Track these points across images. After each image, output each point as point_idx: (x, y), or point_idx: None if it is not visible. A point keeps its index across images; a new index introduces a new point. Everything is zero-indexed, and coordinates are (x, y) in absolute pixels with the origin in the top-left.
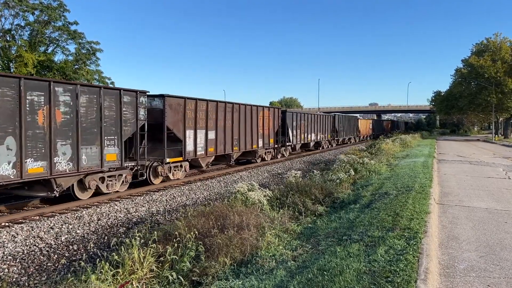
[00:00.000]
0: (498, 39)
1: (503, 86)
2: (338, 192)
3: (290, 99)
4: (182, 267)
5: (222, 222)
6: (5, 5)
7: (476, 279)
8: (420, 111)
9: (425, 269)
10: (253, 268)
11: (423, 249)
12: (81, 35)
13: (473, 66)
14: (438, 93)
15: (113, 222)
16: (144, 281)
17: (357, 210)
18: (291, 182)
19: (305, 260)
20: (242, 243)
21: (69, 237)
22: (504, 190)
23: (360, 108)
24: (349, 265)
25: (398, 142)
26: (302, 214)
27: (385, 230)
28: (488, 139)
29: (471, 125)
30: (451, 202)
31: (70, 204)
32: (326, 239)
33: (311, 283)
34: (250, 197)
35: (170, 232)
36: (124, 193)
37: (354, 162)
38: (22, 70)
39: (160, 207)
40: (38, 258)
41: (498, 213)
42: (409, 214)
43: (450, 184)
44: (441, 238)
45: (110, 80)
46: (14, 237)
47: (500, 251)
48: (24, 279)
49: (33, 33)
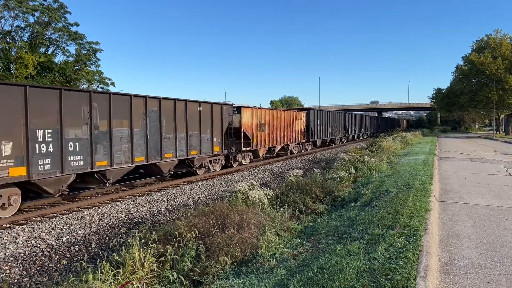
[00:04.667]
0: (498, 36)
1: (503, 83)
2: (339, 190)
3: (290, 98)
4: (183, 266)
5: (223, 222)
6: (5, 7)
7: (476, 276)
8: (421, 108)
9: (425, 266)
10: (254, 267)
11: (423, 247)
12: (82, 36)
13: (474, 63)
14: (438, 90)
15: (114, 222)
16: (144, 281)
17: (358, 208)
18: (291, 181)
19: (305, 258)
20: (242, 242)
21: (70, 238)
22: (504, 187)
23: (361, 106)
24: (349, 263)
25: (399, 140)
26: (302, 212)
27: (385, 228)
28: (490, 136)
29: (472, 122)
30: (451, 199)
31: (71, 205)
32: (327, 238)
33: (311, 281)
34: (250, 196)
35: (171, 232)
36: (124, 193)
37: (355, 160)
38: (23, 71)
39: (161, 207)
40: (39, 259)
41: (499, 210)
42: (409, 211)
43: (451, 181)
44: (442, 235)
45: (110, 81)
46: (15, 238)
47: (500, 248)
48: (25, 280)
49: (33, 34)
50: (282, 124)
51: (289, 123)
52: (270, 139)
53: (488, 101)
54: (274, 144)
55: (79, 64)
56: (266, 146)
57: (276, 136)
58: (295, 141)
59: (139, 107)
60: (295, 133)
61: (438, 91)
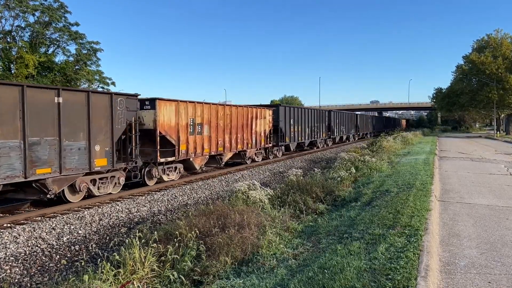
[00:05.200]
0: (498, 36)
1: (504, 83)
2: (339, 190)
3: (291, 97)
4: (183, 266)
5: (223, 221)
6: (6, 7)
7: (477, 275)
8: (421, 108)
9: (425, 266)
10: (254, 267)
11: (424, 246)
12: (82, 36)
13: (474, 62)
14: (439, 90)
15: (114, 222)
16: (145, 281)
17: (358, 208)
18: (292, 180)
19: (306, 258)
20: (243, 242)
21: (71, 238)
22: (505, 186)
23: (361, 106)
24: (349, 263)
25: (399, 139)
26: (303, 212)
27: (386, 228)
28: (490, 136)
29: (473, 122)
30: (452, 199)
31: (72, 205)
32: (327, 237)
33: (311, 281)
34: (251, 196)
35: (171, 232)
36: (125, 192)
37: (355, 160)
38: (23, 71)
39: (162, 206)
40: (40, 259)
41: (500, 210)
42: (410, 211)
43: (452, 181)
44: (442, 235)
45: (111, 80)
46: (16, 238)
47: (501, 248)
48: (26, 279)
49: (33, 34)
50: (234, 124)
51: (246, 122)
52: (212, 145)
53: (488, 101)
54: (221, 151)
55: (80, 64)
56: (206, 153)
57: (224, 140)
58: (256, 145)
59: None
60: (256, 135)
61: (439, 91)
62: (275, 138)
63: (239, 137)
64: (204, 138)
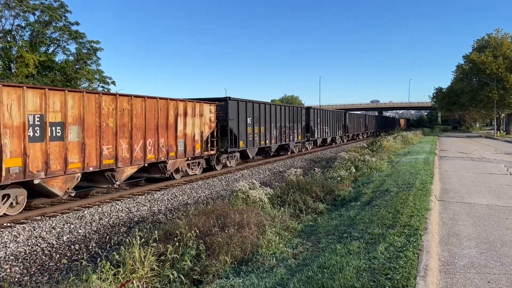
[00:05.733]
0: (499, 35)
1: (504, 82)
2: (339, 189)
3: (291, 97)
4: (183, 266)
5: (223, 221)
6: (6, 6)
7: (476, 275)
8: (421, 108)
9: (424, 265)
10: (254, 266)
11: (423, 246)
12: (82, 35)
13: (474, 62)
14: (439, 89)
15: (114, 221)
16: (145, 280)
17: (358, 208)
18: (292, 180)
19: (305, 258)
20: (242, 242)
21: (71, 237)
22: (505, 186)
23: (361, 105)
24: (349, 263)
25: (400, 139)
26: (303, 212)
27: (385, 227)
28: (490, 136)
29: (473, 122)
30: (452, 199)
31: (71, 204)
32: (327, 237)
33: (311, 280)
34: (251, 196)
35: (171, 231)
36: (125, 192)
37: (355, 159)
38: (23, 70)
39: (162, 206)
40: (40, 258)
41: (499, 210)
42: (409, 211)
43: (451, 180)
44: (442, 234)
45: (111, 80)
46: (16, 237)
47: (500, 248)
48: (26, 279)
49: (33, 33)
50: (141, 124)
51: (166, 122)
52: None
53: (488, 100)
54: (109, 164)
55: (80, 63)
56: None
57: (116, 148)
58: (185, 154)
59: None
60: (184, 140)
61: (439, 90)
62: (225, 143)
63: (150, 142)
64: (68, 146)
